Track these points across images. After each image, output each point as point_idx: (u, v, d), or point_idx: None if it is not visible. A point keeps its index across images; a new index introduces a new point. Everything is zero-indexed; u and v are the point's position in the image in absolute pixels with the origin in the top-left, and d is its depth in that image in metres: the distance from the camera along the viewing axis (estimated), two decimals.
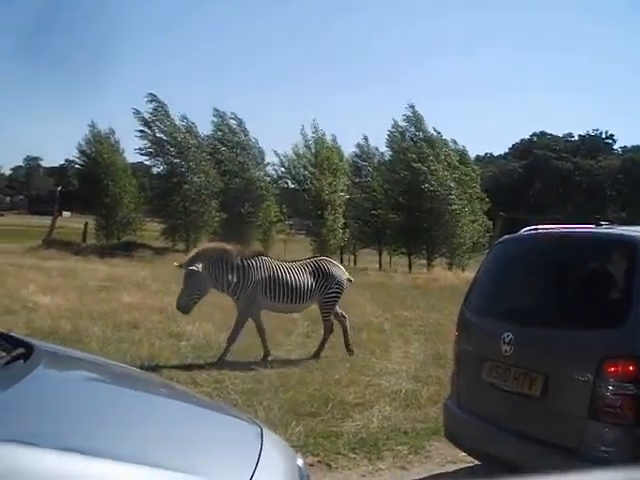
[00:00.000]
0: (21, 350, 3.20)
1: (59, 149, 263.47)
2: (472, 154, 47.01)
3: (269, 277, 9.94)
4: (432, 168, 39.42)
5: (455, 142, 44.79)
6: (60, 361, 3.54)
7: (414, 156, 39.97)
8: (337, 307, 10.70)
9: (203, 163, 40.52)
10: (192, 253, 10.09)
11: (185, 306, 9.66)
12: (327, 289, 10.31)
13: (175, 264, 10.17)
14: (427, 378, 8.78)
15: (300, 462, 3.19)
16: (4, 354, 3.09)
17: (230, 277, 9.72)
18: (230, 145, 41.51)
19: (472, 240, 40.62)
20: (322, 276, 10.30)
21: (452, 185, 39.54)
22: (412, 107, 42.60)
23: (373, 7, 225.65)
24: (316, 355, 10.06)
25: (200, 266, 9.52)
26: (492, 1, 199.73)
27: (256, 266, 9.95)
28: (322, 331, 12.37)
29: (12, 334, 3.55)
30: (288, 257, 37.22)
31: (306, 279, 10.16)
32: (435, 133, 42.92)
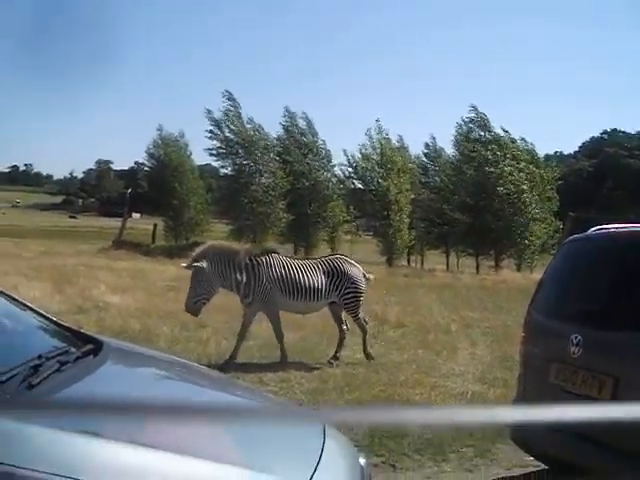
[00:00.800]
0: (91, 346, 3.28)
1: (129, 152, 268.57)
2: (541, 153, 45.91)
3: (281, 275, 9.52)
4: (503, 169, 38.86)
5: (524, 140, 44.02)
6: (128, 357, 3.61)
7: (483, 156, 39.47)
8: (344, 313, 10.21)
9: (271, 164, 40.78)
10: (197, 251, 9.53)
11: (193, 308, 9.28)
12: (343, 288, 9.84)
13: (183, 265, 9.65)
14: (494, 380, 8.68)
15: (362, 461, 3.19)
16: (75, 350, 3.17)
17: (239, 276, 9.29)
18: (298, 146, 41.65)
19: (541, 241, 39.93)
20: (336, 275, 9.85)
21: (524, 187, 38.89)
22: (475, 108, 42.07)
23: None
24: (367, 355, 9.84)
25: (205, 264, 9.13)
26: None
27: (267, 264, 9.51)
28: (391, 332, 12.45)
29: (82, 331, 3.64)
30: (355, 257, 37.38)
31: (319, 277, 9.72)
32: (503, 132, 42.39)
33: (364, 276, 10.24)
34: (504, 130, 42.25)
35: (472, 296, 20.35)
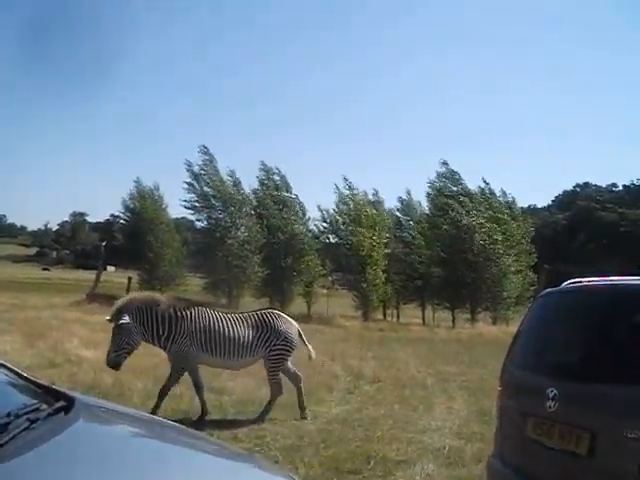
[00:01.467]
0: (62, 403, 3.22)
1: (105, 204, 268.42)
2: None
3: (203, 329, 9.07)
4: (477, 222, 39.20)
5: (504, 193, 44.54)
6: (100, 415, 3.55)
7: (456, 209, 39.81)
8: (289, 364, 9.79)
9: (247, 218, 40.90)
10: (117, 304, 9.09)
11: (114, 362, 8.86)
12: (272, 345, 9.38)
13: (107, 318, 9.10)
14: (471, 435, 8.64)
15: None
16: (46, 407, 3.11)
17: (161, 329, 8.94)
18: (273, 200, 41.84)
19: (517, 293, 40.14)
20: (266, 330, 9.39)
21: (498, 239, 39.19)
22: (445, 164, 42.67)
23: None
24: (260, 418, 9.06)
25: (127, 318, 8.78)
26: (539, 39, 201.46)
27: (190, 317, 9.08)
28: (367, 386, 12.36)
29: (54, 387, 3.58)
30: (330, 311, 37.20)
31: (246, 333, 9.26)
32: (484, 184, 42.97)
33: (299, 333, 9.86)
34: (485, 182, 42.98)
35: (448, 350, 20.37)
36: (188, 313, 9.12)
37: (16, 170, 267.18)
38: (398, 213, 45.67)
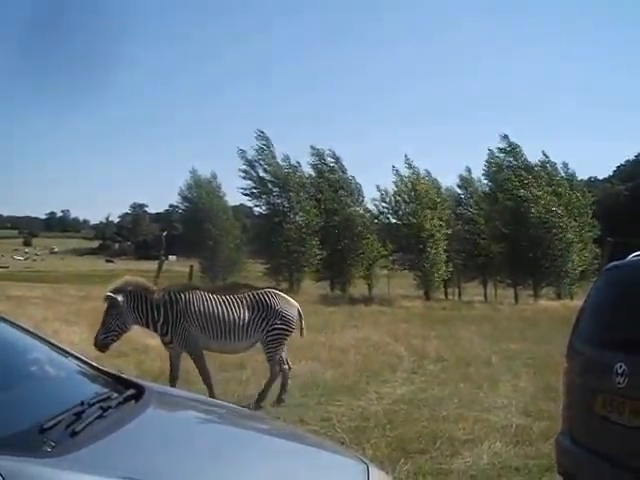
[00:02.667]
0: (132, 391, 3.29)
1: (164, 194, 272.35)
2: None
3: (198, 311, 8.86)
4: (536, 195, 38.57)
5: (566, 166, 43.74)
6: (170, 402, 3.61)
7: (516, 184, 39.23)
8: (283, 351, 9.41)
9: (304, 202, 40.96)
10: (111, 287, 8.87)
11: (102, 344, 8.68)
12: (268, 325, 9.06)
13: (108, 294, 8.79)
14: (538, 412, 8.55)
15: None
16: (117, 395, 3.18)
17: (155, 314, 8.76)
18: (328, 183, 41.79)
19: (580, 268, 39.45)
20: (262, 310, 9.08)
21: (558, 211, 38.51)
22: (506, 137, 41.96)
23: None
24: (258, 401, 8.84)
25: (120, 298, 8.60)
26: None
27: (184, 300, 8.87)
28: (431, 366, 12.32)
29: (124, 375, 3.65)
30: (392, 292, 37.09)
31: (243, 314, 8.99)
32: (544, 157, 42.33)
33: (298, 312, 9.48)
34: (544, 155, 42.11)
35: (512, 327, 20.16)
36: (182, 296, 8.91)
37: (77, 166, 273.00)
38: (458, 190, 45.11)
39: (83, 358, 3.71)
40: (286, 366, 9.39)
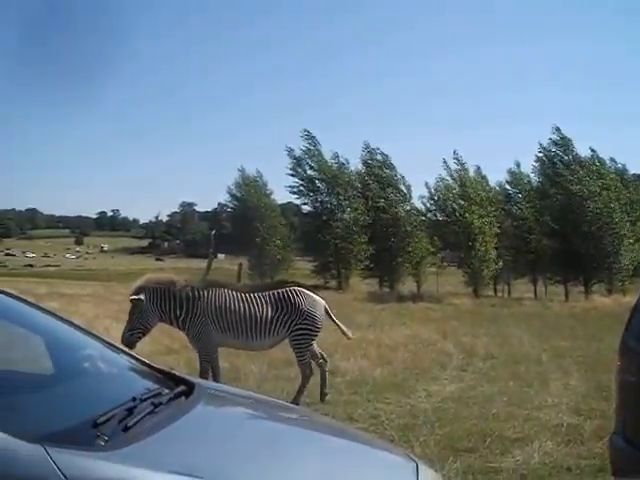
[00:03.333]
0: (183, 387, 3.33)
1: (212, 193, 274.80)
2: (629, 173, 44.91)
3: (219, 309, 8.73)
4: (591, 190, 38.07)
5: (614, 161, 43.17)
6: (220, 398, 3.64)
7: (570, 178, 38.78)
8: (315, 346, 9.22)
9: (352, 200, 41.00)
10: (135, 284, 8.94)
11: (128, 341, 8.57)
12: (293, 324, 8.80)
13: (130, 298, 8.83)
14: (589, 411, 8.42)
15: None
16: (167, 391, 3.22)
17: (178, 311, 8.69)
18: (377, 180, 41.77)
19: (633, 263, 38.80)
20: (286, 308, 8.83)
21: (613, 206, 37.95)
22: (558, 130, 41.55)
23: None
24: (294, 401, 8.35)
25: (142, 296, 8.62)
26: None
27: (207, 297, 8.78)
28: (480, 363, 12.23)
29: (174, 372, 3.70)
30: (440, 289, 37.01)
31: (265, 312, 8.78)
32: (591, 153, 41.77)
33: (325, 310, 9.17)
34: (592, 150, 41.61)
35: (562, 324, 19.95)
36: (205, 293, 8.82)
37: (127, 167, 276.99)
38: (507, 186, 44.64)
39: (134, 355, 3.77)
40: (321, 360, 9.26)
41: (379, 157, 43.20)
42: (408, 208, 42.24)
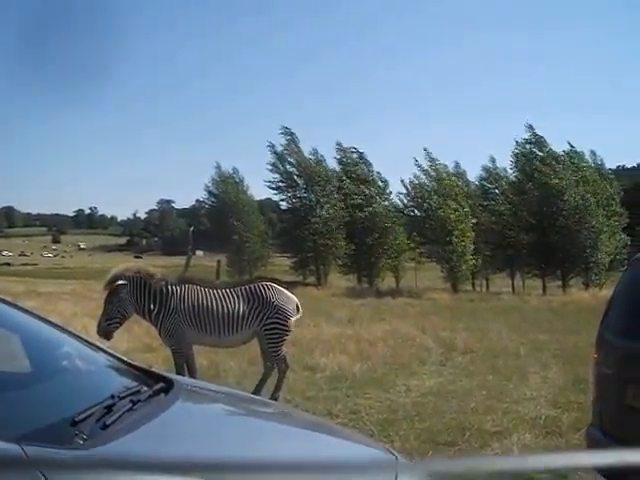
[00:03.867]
0: (162, 385, 3.32)
1: (190, 190, 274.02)
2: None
3: (192, 306, 8.52)
4: (568, 183, 38.37)
5: (593, 154, 43.46)
6: (199, 395, 3.64)
7: (547, 171, 39.05)
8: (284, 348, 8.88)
9: (330, 196, 41.07)
10: (112, 272, 8.63)
11: (106, 331, 8.41)
12: (265, 318, 8.58)
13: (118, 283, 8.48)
14: (567, 404, 8.50)
15: None
16: (146, 388, 3.21)
17: (152, 305, 8.47)
18: (353, 177, 41.88)
19: (609, 257, 39.11)
20: (257, 302, 8.62)
21: (589, 200, 38.23)
22: (531, 127, 41.81)
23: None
24: (273, 397, 8.20)
25: (120, 282, 8.36)
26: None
27: (179, 293, 8.55)
28: (459, 358, 12.28)
29: (153, 369, 3.69)
30: (419, 284, 37.07)
31: (237, 307, 8.58)
32: (570, 147, 42.13)
33: (297, 306, 8.88)
34: (570, 145, 41.96)
35: (540, 318, 20.07)
36: (177, 289, 8.62)
37: (105, 165, 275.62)
38: (484, 182, 44.78)
39: (113, 352, 3.75)
40: (283, 364, 8.86)
41: (354, 155, 43.36)
42: (386, 204, 42.35)
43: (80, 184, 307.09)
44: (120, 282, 8.36)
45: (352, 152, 43.44)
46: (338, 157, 43.26)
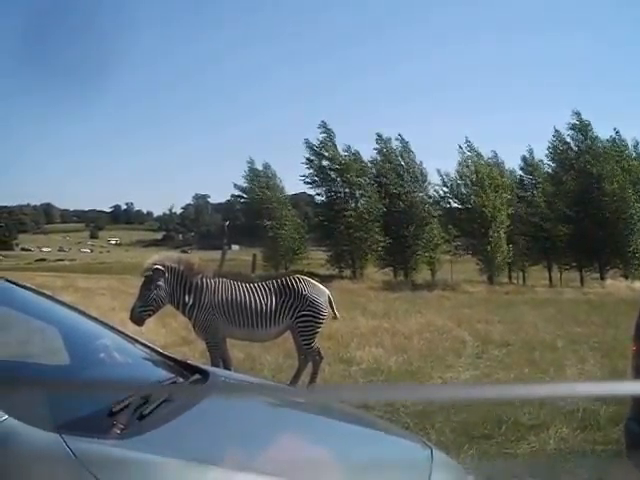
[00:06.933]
0: (198, 376, 3.36)
1: (226, 185, 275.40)
2: None
3: (225, 299, 8.56)
4: (609, 170, 37.91)
5: (638, 143, 42.73)
6: (234, 386, 3.67)
7: (588, 158, 38.66)
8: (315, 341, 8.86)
9: (366, 188, 40.99)
10: (152, 259, 8.70)
11: (138, 318, 8.47)
12: (297, 311, 8.61)
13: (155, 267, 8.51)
14: (606, 397, 8.41)
15: None
16: (182, 380, 3.26)
17: (187, 297, 8.49)
18: (394, 168, 41.72)
19: None
20: (289, 295, 8.65)
21: (629, 190, 37.71)
22: (578, 114, 41.32)
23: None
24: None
25: (161, 267, 8.38)
26: None
27: (213, 287, 8.59)
28: (495, 351, 12.20)
29: (189, 361, 3.73)
30: (455, 277, 36.86)
31: (269, 300, 8.61)
32: (615, 133, 41.58)
33: (329, 300, 8.89)
34: (616, 131, 41.45)
35: (577, 311, 19.88)
36: (212, 282, 8.63)
37: (140, 160, 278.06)
38: (521, 172, 44.31)
39: (150, 345, 3.80)
40: (317, 357, 8.92)
41: (398, 143, 43.11)
42: (423, 196, 42.14)
43: (116, 180, 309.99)
44: (158, 266, 8.36)
45: (396, 139, 43.20)
46: (378, 147, 43.06)
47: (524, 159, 43.87)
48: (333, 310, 8.94)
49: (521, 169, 44.02)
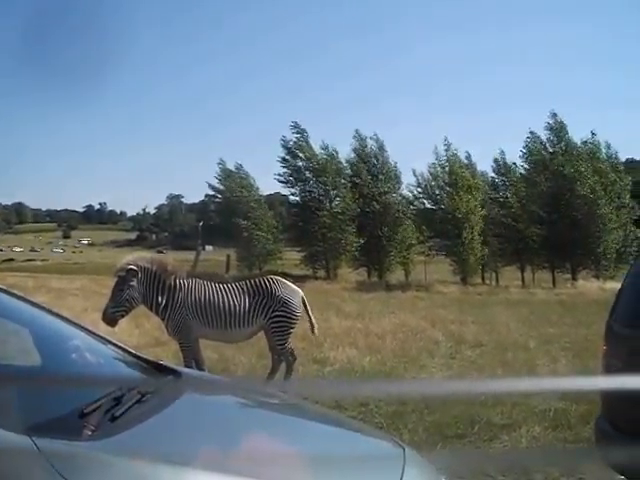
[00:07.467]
0: (170, 377, 3.35)
1: (200, 185, 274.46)
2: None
3: (198, 300, 8.50)
4: (581, 171, 38.31)
5: (609, 146, 43.23)
6: (207, 386, 3.66)
7: (562, 159, 39.08)
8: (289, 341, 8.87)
9: (341, 188, 41.03)
10: (125, 259, 8.58)
11: (111, 318, 8.36)
12: (270, 312, 8.58)
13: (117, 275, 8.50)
14: (576, 396, 8.47)
15: None
16: (155, 381, 3.24)
17: (160, 298, 8.41)
18: (369, 168, 41.79)
19: (618, 249, 38.98)
20: (263, 296, 8.61)
21: (601, 192, 38.14)
22: (554, 115, 41.79)
23: None
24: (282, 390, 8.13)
25: (134, 267, 8.32)
26: None
27: (187, 288, 8.52)
28: (469, 351, 12.26)
29: (161, 362, 3.71)
30: (429, 278, 37.06)
31: (242, 301, 8.57)
32: (591, 135, 42.18)
33: (302, 300, 8.85)
34: (593, 134, 42.12)
35: (549, 311, 20.06)
36: (185, 283, 8.56)
37: (114, 161, 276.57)
38: (493, 174, 44.66)
39: (122, 345, 3.77)
40: (291, 357, 8.91)
41: (373, 143, 43.15)
42: (397, 196, 42.26)
43: (89, 180, 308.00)
44: (131, 267, 8.30)
45: (372, 139, 43.25)
46: (355, 146, 43.18)
47: (496, 161, 44.27)
48: (309, 315, 8.89)
49: (494, 170, 44.41)
